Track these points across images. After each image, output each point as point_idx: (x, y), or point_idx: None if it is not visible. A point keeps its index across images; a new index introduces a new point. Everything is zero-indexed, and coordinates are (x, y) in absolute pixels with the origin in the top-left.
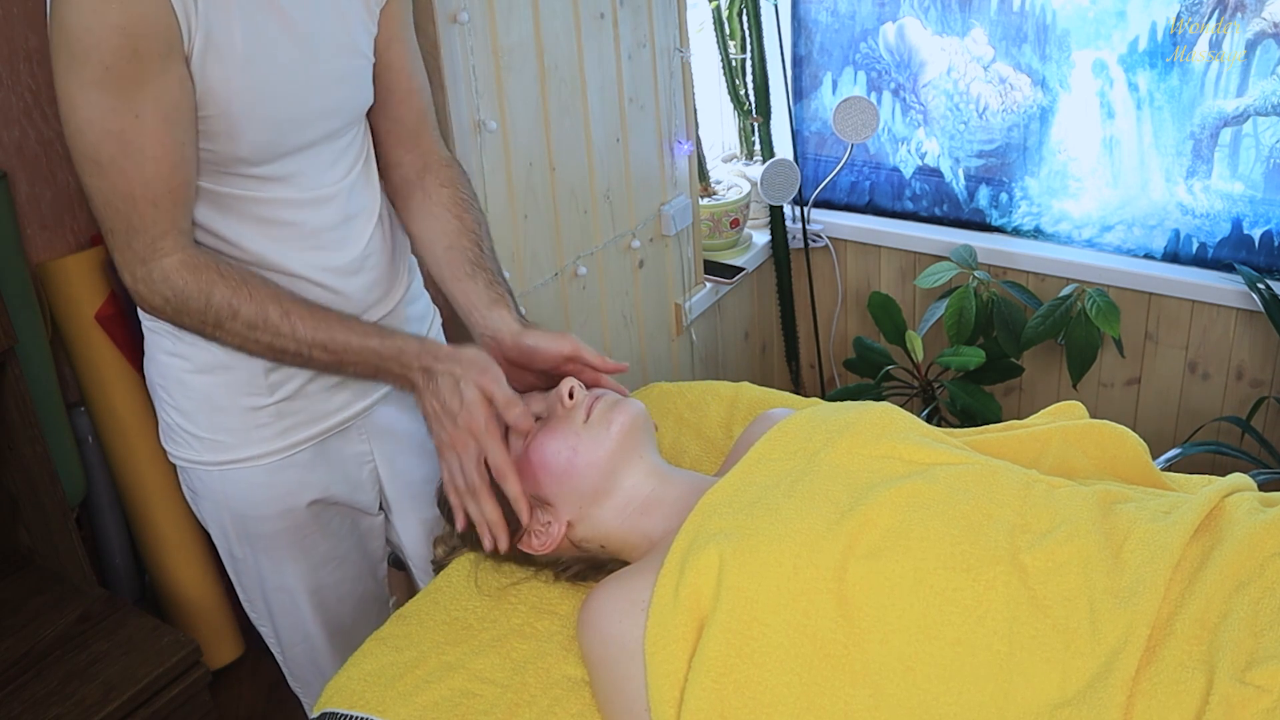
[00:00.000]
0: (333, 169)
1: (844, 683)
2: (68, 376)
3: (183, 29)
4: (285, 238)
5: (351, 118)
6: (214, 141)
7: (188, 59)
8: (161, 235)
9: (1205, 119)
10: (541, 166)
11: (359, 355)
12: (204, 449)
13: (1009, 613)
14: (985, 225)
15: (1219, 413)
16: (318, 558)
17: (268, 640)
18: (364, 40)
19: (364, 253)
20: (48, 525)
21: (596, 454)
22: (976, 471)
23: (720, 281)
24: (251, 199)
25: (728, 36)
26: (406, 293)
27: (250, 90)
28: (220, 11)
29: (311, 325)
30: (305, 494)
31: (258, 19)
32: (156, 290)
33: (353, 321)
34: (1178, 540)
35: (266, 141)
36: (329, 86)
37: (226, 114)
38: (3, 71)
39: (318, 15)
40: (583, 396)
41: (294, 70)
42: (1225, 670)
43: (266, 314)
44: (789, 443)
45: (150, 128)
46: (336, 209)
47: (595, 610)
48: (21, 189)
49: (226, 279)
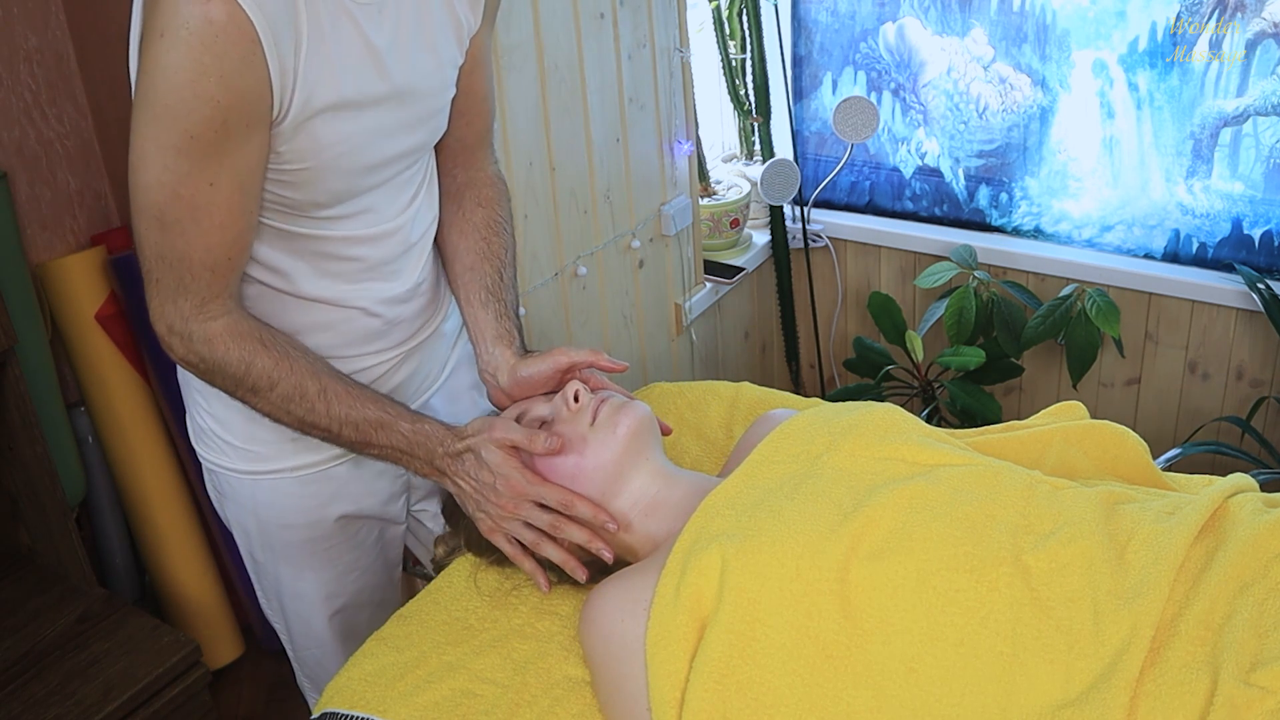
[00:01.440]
0: (398, 200)
1: (846, 684)
2: (68, 376)
3: (276, 101)
4: (345, 272)
5: (427, 151)
6: (293, 190)
7: (279, 123)
8: (213, 298)
9: (1205, 119)
10: (541, 166)
11: (387, 438)
12: (237, 457)
13: (1012, 614)
14: (985, 225)
15: (1219, 413)
16: (341, 567)
17: (280, 636)
18: (453, 74)
19: (417, 280)
20: (48, 525)
21: (604, 457)
22: (979, 473)
23: (720, 281)
24: (317, 237)
25: (728, 36)
26: (446, 310)
27: (339, 144)
28: (320, 73)
29: (346, 403)
30: (335, 507)
31: (356, 72)
32: (194, 350)
33: (385, 400)
34: (1182, 541)
35: (347, 188)
36: (415, 128)
37: (315, 167)
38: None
39: (415, 59)
40: (588, 400)
41: (385, 119)
42: (1230, 671)
43: (305, 390)
44: (791, 444)
45: (223, 196)
46: (399, 241)
47: (597, 609)
48: (21, 189)
49: (269, 350)
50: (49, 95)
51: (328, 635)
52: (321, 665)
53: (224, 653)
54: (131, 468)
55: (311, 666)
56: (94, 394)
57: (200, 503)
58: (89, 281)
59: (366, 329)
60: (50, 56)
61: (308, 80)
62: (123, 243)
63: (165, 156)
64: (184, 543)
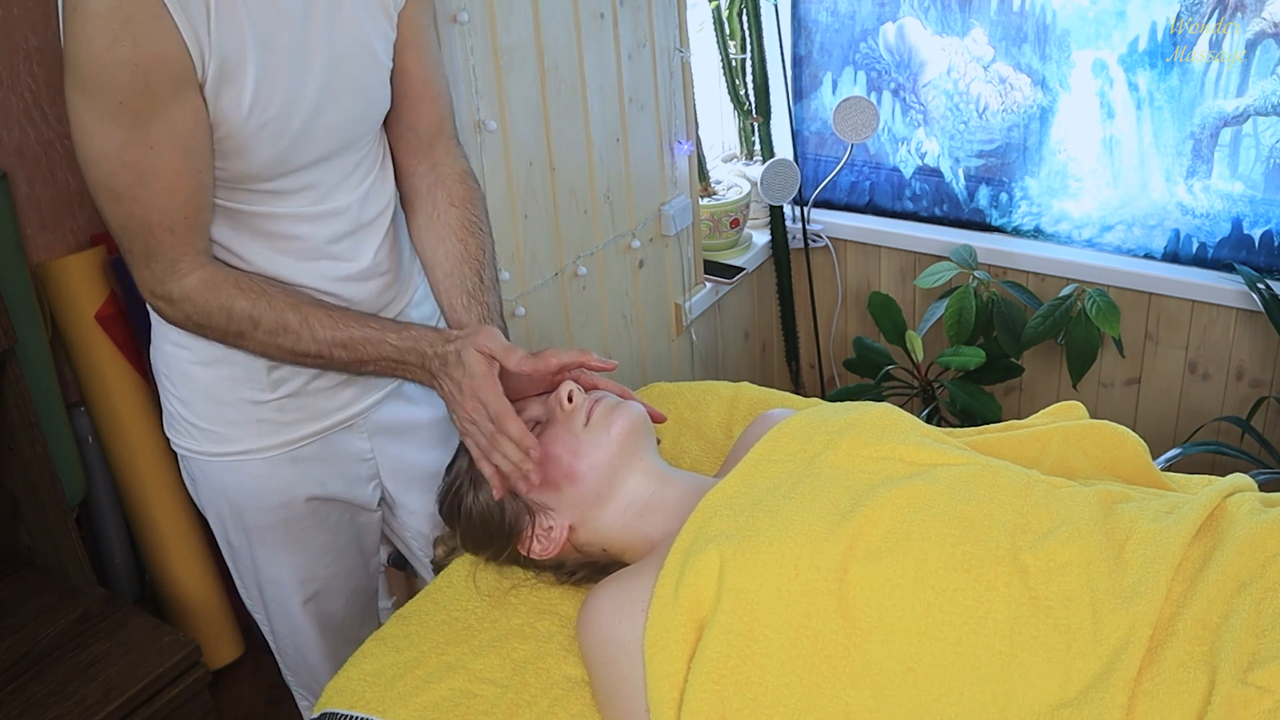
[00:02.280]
0: (346, 180)
1: (845, 684)
2: (68, 376)
3: (195, 60)
4: (293, 250)
5: (366, 128)
6: (225, 160)
7: (201, 86)
8: (180, 257)
9: (1205, 119)
10: (541, 166)
11: (377, 350)
12: (204, 439)
13: (1010, 613)
14: (985, 225)
15: (1219, 413)
16: (314, 551)
17: (261, 628)
18: (381, 47)
19: (373, 261)
20: (48, 525)
21: (597, 457)
22: (977, 472)
23: (720, 281)
24: (262, 214)
25: (728, 36)
26: (414, 295)
27: (262, 109)
28: (233, 35)
29: (330, 326)
30: (303, 489)
31: (272, 38)
32: (178, 308)
33: (369, 318)
34: (1180, 540)
35: (278, 157)
36: (343, 98)
37: (238, 134)
38: (3, 72)
39: (333, 26)
40: (582, 400)
41: (307, 85)
42: (1227, 671)
43: (286, 320)
44: (789, 444)
45: (165, 158)
46: (348, 220)
47: (595, 610)
48: (21, 189)
49: (245, 291)
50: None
51: (304, 622)
52: (301, 655)
53: (224, 653)
54: (131, 468)
55: (292, 657)
56: (94, 394)
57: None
58: (89, 281)
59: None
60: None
61: (221, 42)
62: None
63: (102, 127)
64: (184, 543)
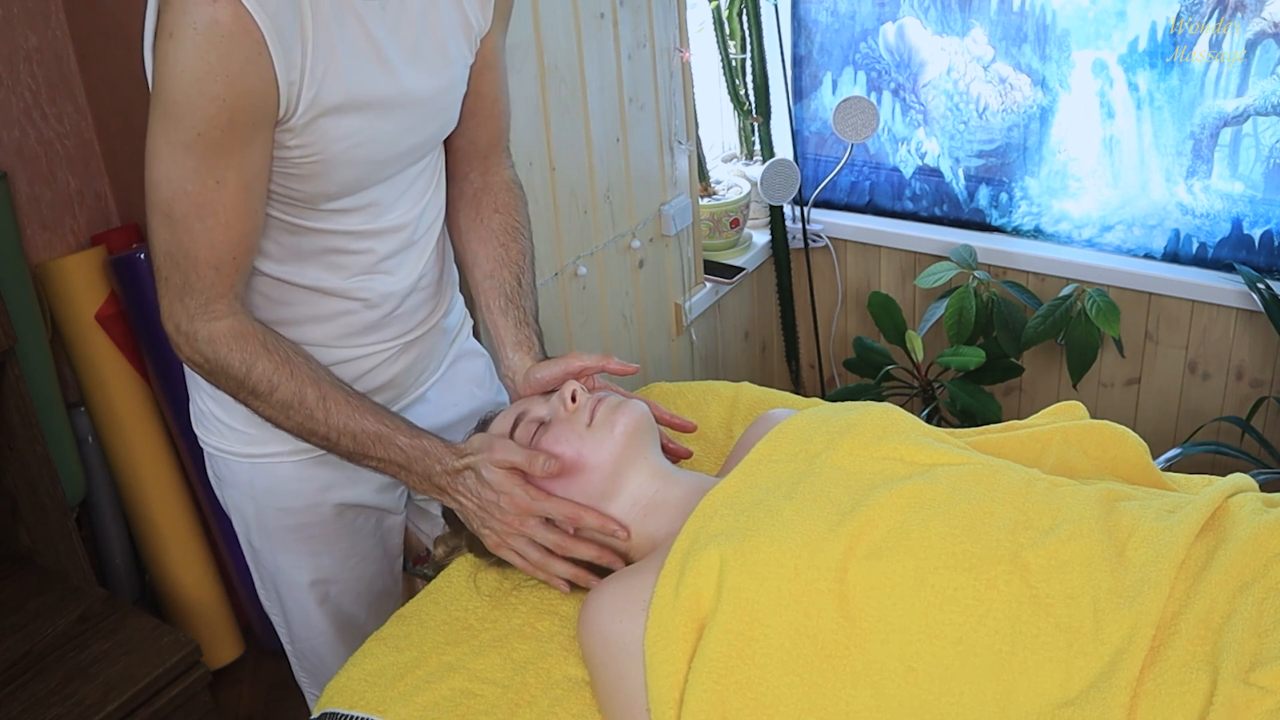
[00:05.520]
0: (405, 196)
1: (845, 683)
2: (68, 376)
3: (283, 98)
4: (349, 265)
5: (434, 147)
6: (302, 183)
7: (282, 122)
8: (217, 298)
9: (1205, 119)
10: (541, 166)
11: (385, 451)
12: (236, 440)
13: (1011, 612)
14: (985, 225)
15: (1219, 413)
16: (338, 554)
17: (278, 629)
18: (462, 73)
19: (419, 275)
20: (48, 525)
21: (601, 456)
22: (977, 471)
23: (720, 281)
24: (324, 231)
25: (728, 36)
26: (446, 306)
27: (349, 138)
28: (328, 71)
29: (345, 414)
30: (332, 494)
31: (363, 70)
32: (199, 349)
33: (384, 413)
34: (1183, 539)
35: (355, 180)
36: (424, 124)
37: (325, 159)
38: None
39: (420, 55)
40: (585, 400)
41: (393, 114)
42: (1229, 671)
43: (304, 396)
44: (790, 444)
45: (229, 195)
46: (403, 237)
47: (595, 609)
48: (21, 189)
49: (271, 355)
50: (49, 95)
51: (325, 624)
52: (319, 656)
53: (224, 653)
54: (131, 468)
55: (309, 659)
56: (94, 394)
57: (200, 502)
58: (89, 281)
59: (366, 321)
60: (50, 56)
61: (314, 79)
62: (122, 243)
63: (174, 153)
64: (184, 543)
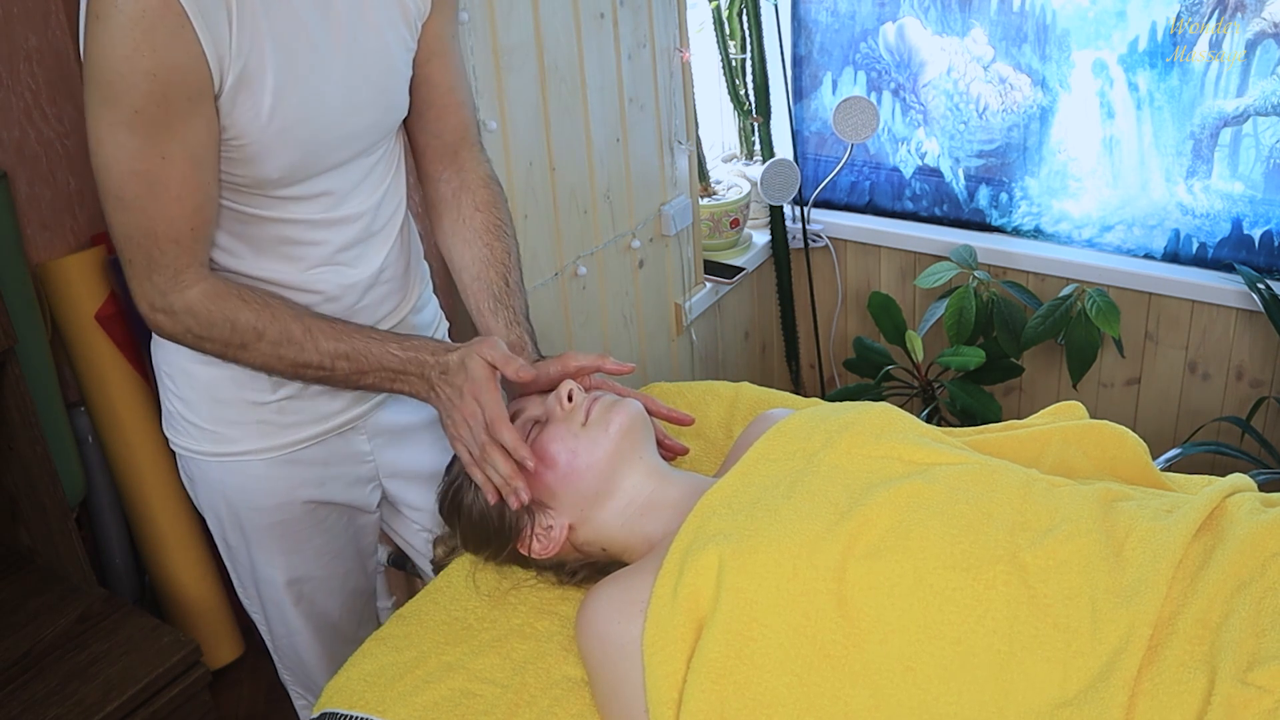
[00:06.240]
0: (361, 186)
1: (844, 683)
2: (68, 376)
3: (214, 72)
4: (302, 256)
5: (383, 134)
6: (243, 166)
7: (217, 97)
8: (183, 269)
9: (1205, 119)
10: (541, 166)
11: (379, 360)
12: (204, 439)
13: (1009, 612)
14: (985, 225)
15: (1219, 413)
16: (310, 552)
17: (259, 627)
18: (401, 57)
19: (380, 268)
20: (48, 525)
21: (596, 455)
22: (976, 471)
23: (720, 281)
24: (275, 220)
25: (728, 36)
26: (416, 302)
27: (282, 118)
28: (254, 46)
29: (333, 337)
30: (302, 491)
31: (291, 48)
32: (179, 321)
33: (370, 330)
34: (1180, 539)
35: (296, 163)
36: (362, 107)
37: (258, 140)
38: (3, 72)
39: (352, 37)
40: (581, 399)
41: (326, 94)
42: (1227, 671)
43: (290, 332)
44: (788, 443)
45: (176, 169)
46: (361, 227)
47: (593, 610)
48: (21, 189)
49: (249, 303)
50: (49, 95)
51: (301, 623)
52: (297, 656)
53: (224, 653)
54: (131, 468)
55: (289, 657)
56: (94, 394)
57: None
58: (89, 281)
59: (327, 314)
60: (50, 56)
61: (240, 55)
62: None
63: (116, 134)
64: (184, 543)
